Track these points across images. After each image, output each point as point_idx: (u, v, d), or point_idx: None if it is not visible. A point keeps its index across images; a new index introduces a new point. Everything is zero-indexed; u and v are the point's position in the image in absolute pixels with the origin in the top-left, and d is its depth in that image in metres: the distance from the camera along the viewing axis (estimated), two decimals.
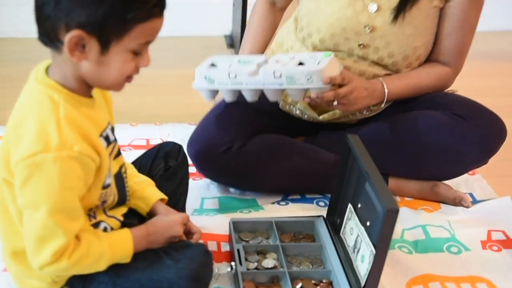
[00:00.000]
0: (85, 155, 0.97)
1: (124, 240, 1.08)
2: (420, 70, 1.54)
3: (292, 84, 1.39)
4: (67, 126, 0.96)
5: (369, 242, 1.15)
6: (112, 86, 1.01)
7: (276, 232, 1.34)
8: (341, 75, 1.40)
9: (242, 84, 1.42)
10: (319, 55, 1.41)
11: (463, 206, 1.56)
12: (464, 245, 1.42)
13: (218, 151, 1.48)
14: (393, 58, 1.49)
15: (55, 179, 0.94)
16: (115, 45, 0.95)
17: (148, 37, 0.97)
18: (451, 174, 1.58)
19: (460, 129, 1.47)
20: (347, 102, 1.41)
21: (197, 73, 1.46)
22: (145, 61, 1.00)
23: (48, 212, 0.96)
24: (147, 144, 1.81)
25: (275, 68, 1.39)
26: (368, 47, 1.48)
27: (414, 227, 1.47)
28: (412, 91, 1.54)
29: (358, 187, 1.25)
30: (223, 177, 1.55)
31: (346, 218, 1.29)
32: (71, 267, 1.01)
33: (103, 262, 1.05)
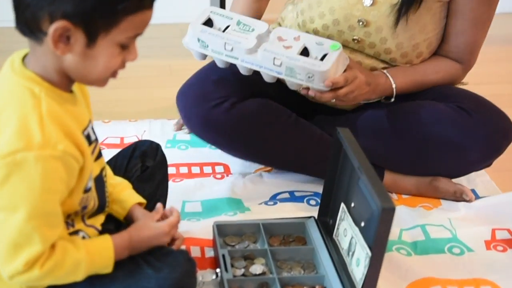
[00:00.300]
0: (69, 154, 0.97)
1: (104, 248, 1.07)
2: (427, 65, 1.55)
3: (291, 77, 1.40)
4: (50, 122, 0.96)
5: (364, 244, 1.16)
6: (96, 81, 1.01)
7: (264, 235, 1.34)
8: (345, 76, 1.40)
9: (238, 59, 1.42)
10: (326, 45, 1.41)
11: (464, 201, 1.57)
12: (467, 246, 1.43)
13: (209, 104, 1.48)
14: (391, 55, 1.50)
15: (37, 180, 0.94)
16: (103, 37, 0.96)
17: (137, 29, 0.98)
18: (451, 173, 1.59)
19: (464, 123, 1.48)
20: (346, 99, 1.43)
21: (190, 31, 1.45)
22: (132, 55, 1.01)
23: (27, 217, 0.95)
24: (121, 143, 1.80)
25: (276, 53, 1.39)
26: (362, 42, 1.49)
27: (412, 227, 1.48)
28: (416, 87, 1.55)
29: (351, 185, 1.26)
30: (211, 135, 1.54)
31: (339, 219, 1.29)
32: (44, 277, 1.01)
33: (80, 272, 1.04)
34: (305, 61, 1.39)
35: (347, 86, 1.40)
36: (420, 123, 1.50)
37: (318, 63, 1.38)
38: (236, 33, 1.43)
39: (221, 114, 1.48)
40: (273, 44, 1.42)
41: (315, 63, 1.38)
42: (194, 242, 1.37)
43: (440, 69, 1.55)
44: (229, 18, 1.47)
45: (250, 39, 1.42)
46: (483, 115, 1.49)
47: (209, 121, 1.50)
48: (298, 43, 1.42)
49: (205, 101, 1.49)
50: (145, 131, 1.88)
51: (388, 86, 1.51)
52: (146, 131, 1.88)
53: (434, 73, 1.55)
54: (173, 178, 1.63)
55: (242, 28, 1.44)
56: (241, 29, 1.44)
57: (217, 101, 1.49)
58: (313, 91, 1.40)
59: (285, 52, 1.40)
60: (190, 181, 1.62)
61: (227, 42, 1.41)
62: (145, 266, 1.09)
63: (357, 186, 1.21)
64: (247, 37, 1.42)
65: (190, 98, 1.51)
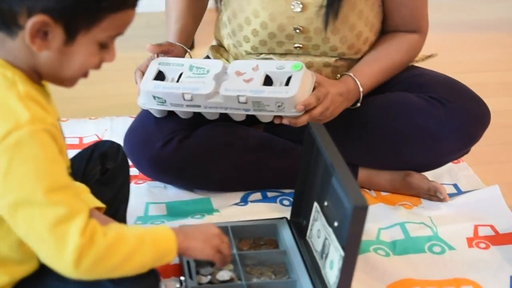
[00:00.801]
0: (57, 129, 0.98)
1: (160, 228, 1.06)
2: (386, 48, 1.56)
3: (260, 111, 1.40)
4: (31, 102, 0.96)
5: (337, 245, 1.16)
6: (67, 81, 1.02)
7: (233, 239, 1.34)
8: (315, 95, 1.40)
9: (200, 107, 1.43)
10: (287, 67, 1.41)
11: (439, 199, 1.59)
12: (448, 244, 1.44)
13: (156, 145, 1.50)
14: (337, 50, 1.52)
15: (40, 154, 0.94)
16: (83, 35, 0.96)
17: (118, 29, 0.99)
18: (428, 165, 1.61)
19: (437, 114, 1.50)
20: (323, 118, 1.43)
21: (143, 90, 1.45)
22: (110, 55, 1.02)
23: (48, 193, 0.94)
24: (81, 143, 1.80)
25: (239, 90, 1.39)
26: (306, 47, 1.51)
27: (391, 225, 1.49)
28: (387, 75, 1.56)
29: (324, 183, 1.26)
30: (164, 175, 1.57)
31: (312, 219, 1.30)
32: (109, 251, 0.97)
33: (147, 248, 1.01)
34: (270, 91, 1.39)
35: (320, 105, 1.41)
36: (391, 116, 1.52)
37: (284, 89, 1.38)
38: (192, 80, 1.43)
39: (170, 153, 1.50)
40: (233, 81, 1.42)
41: (281, 90, 1.38)
42: None
43: (400, 46, 1.57)
44: (179, 65, 1.47)
45: (208, 82, 1.42)
46: (457, 103, 1.51)
47: (159, 163, 1.51)
48: (258, 73, 1.42)
49: (150, 143, 1.50)
50: (107, 130, 1.87)
51: (357, 90, 1.52)
52: (107, 129, 1.88)
53: (396, 52, 1.56)
54: (135, 180, 1.63)
55: (196, 72, 1.44)
56: (196, 73, 1.44)
57: (163, 141, 1.50)
58: (286, 119, 1.41)
59: (247, 87, 1.40)
60: (154, 182, 1.62)
61: (185, 92, 1.41)
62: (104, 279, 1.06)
63: (330, 184, 1.21)
64: (204, 81, 1.42)
65: (135, 143, 1.52)
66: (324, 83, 1.45)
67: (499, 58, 2.59)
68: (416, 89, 1.55)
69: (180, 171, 1.54)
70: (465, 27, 2.84)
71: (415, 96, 1.53)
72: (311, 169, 1.33)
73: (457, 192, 1.66)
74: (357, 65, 1.54)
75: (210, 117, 1.48)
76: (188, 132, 1.53)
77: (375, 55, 1.55)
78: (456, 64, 2.17)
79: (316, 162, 1.31)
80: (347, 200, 1.11)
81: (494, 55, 2.61)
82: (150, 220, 1.48)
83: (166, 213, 1.53)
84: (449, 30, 2.77)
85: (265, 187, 1.61)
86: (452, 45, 2.65)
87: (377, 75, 1.54)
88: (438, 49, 1.71)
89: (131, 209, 1.37)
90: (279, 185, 1.61)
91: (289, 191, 1.59)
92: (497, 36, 2.79)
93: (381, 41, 1.58)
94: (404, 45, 1.57)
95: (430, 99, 1.52)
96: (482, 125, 1.54)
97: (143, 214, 1.52)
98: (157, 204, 1.56)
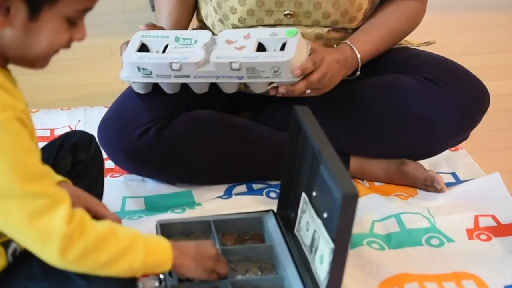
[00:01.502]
0: (27, 115, 0.97)
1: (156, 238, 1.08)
2: (385, 14, 1.56)
3: (255, 78, 1.40)
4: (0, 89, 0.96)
5: (327, 238, 1.15)
6: (37, 61, 1.01)
7: (216, 234, 1.34)
8: (312, 60, 1.40)
9: (190, 77, 1.42)
10: (281, 33, 1.42)
11: (436, 190, 1.58)
12: (447, 236, 1.44)
13: (132, 136, 1.48)
14: (330, 18, 1.51)
15: (14, 143, 0.94)
16: (47, 10, 0.96)
17: (87, 2, 0.98)
18: (424, 152, 1.61)
19: (432, 96, 1.50)
20: (321, 85, 1.43)
21: (127, 63, 1.44)
22: (80, 33, 1.01)
23: (24, 182, 0.94)
24: (52, 135, 1.79)
25: (231, 57, 1.39)
26: (297, 15, 1.50)
27: (386, 217, 1.49)
28: (386, 43, 1.57)
29: (312, 172, 1.25)
30: (140, 168, 1.56)
31: (300, 211, 1.29)
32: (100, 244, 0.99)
33: (138, 249, 1.02)
34: (265, 56, 1.39)
35: (317, 70, 1.41)
36: (383, 99, 1.52)
37: (280, 53, 1.39)
38: (179, 50, 1.42)
39: (147, 144, 1.49)
40: (224, 49, 1.42)
41: (276, 54, 1.39)
42: None
43: (400, 13, 1.57)
44: (164, 37, 1.46)
45: (197, 51, 1.41)
46: (454, 84, 1.51)
47: (135, 154, 1.50)
48: (251, 41, 1.42)
49: (126, 133, 1.50)
50: (80, 121, 1.87)
51: (355, 57, 1.52)
52: (81, 120, 1.88)
53: (396, 20, 1.56)
54: (111, 173, 1.62)
55: (183, 43, 1.44)
56: (183, 44, 1.43)
57: (139, 131, 1.49)
58: (283, 87, 1.40)
59: (240, 53, 1.40)
60: (131, 175, 1.61)
61: (173, 62, 1.40)
62: (76, 276, 1.06)
63: (318, 173, 1.21)
64: (193, 50, 1.42)
65: (109, 133, 1.51)
66: (320, 49, 1.45)
67: (497, 39, 2.59)
68: (410, 71, 1.55)
69: (159, 163, 1.53)
70: (461, 8, 2.85)
71: (409, 78, 1.53)
72: (298, 157, 1.32)
73: (455, 181, 1.66)
74: (354, 34, 1.55)
75: (198, 90, 1.47)
76: (167, 121, 1.52)
77: (372, 23, 1.56)
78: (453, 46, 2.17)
79: (303, 149, 1.30)
80: (336, 189, 1.11)
81: (492, 36, 2.62)
82: (127, 215, 1.47)
83: (145, 208, 1.52)
84: (445, 11, 2.77)
85: (251, 178, 1.61)
86: (448, 27, 2.66)
87: (376, 42, 1.54)
88: (434, 30, 1.71)
89: (106, 204, 1.33)
90: (266, 176, 1.61)
91: (276, 182, 1.59)
92: (494, 16, 2.79)
93: (380, 8, 1.58)
94: (404, 12, 1.57)
95: (425, 80, 1.52)
96: (480, 107, 1.54)
97: (119, 209, 1.51)
98: (134, 198, 1.55)
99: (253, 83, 1.43)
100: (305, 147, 1.29)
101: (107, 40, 2.45)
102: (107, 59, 2.34)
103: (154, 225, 1.35)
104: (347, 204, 1.06)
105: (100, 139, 1.50)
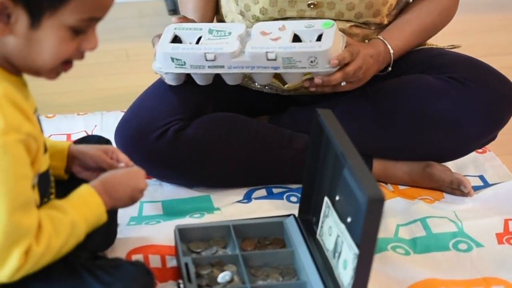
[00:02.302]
0: (31, 136, 0.99)
1: (87, 195, 1.10)
2: (417, 10, 1.57)
3: (291, 68, 1.42)
4: (8, 104, 0.96)
5: (351, 243, 1.15)
6: (44, 71, 1.01)
7: (235, 239, 1.33)
8: (349, 51, 1.42)
9: (224, 67, 1.43)
10: (317, 25, 1.44)
11: (463, 194, 1.56)
12: (475, 240, 1.43)
13: (149, 138, 1.48)
14: (355, 9, 1.51)
15: (10, 169, 0.96)
16: (49, 18, 0.95)
17: (92, 12, 0.97)
18: (450, 153, 1.59)
19: (457, 96, 1.49)
20: (355, 78, 1.44)
21: (160, 53, 1.45)
22: (90, 43, 1.00)
23: (9, 212, 0.97)
24: (68, 140, 1.77)
25: (267, 47, 1.40)
26: (321, 5, 1.50)
27: (411, 221, 1.48)
28: (419, 39, 1.58)
29: (335, 175, 1.24)
30: (159, 172, 1.56)
31: (322, 216, 1.28)
32: (45, 253, 1.02)
33: (79, 231, 1.06)
34: (302, 46, 1.41)
35: (354, 62, 1.42)
36: (408, 100, 1.51)
37: (317, 44, 1.41)
38: (213, 41, 1.44)
39: (165, 146, 1.49)
40: (259, 40, 1.44)
41: (313, 45, 1.41)
42: (154, 250, 1.35)
43: (433, 8, 1.58)
44: (197, 29, 1.48)
45: (231, 42, 1.43)
46: (480, 83, 1.50)
47: (153, 157, 1.50)
48: (286, 32, 1.44)
49: (143, 135, 1.50)
50: (96, 126, 1.87)
51: (388, 52, 1.53)
52: (97, 125, 1.87)
53: (428, 15, 1.57)
54: None
55: (217, 35, 1.46)
56: (216, 36, 1.45)
57: (157, 133, 1.49)
58: (319, 77, 1.41)
59: (276, 44, 1.42)
60: (148, 179, 1.55)
61: (207, 52, 1.42)
62: (91, 280, 1.07)
63: (342, 176, 1.20)
64: (227, 41, 1.44)
65: (127, 136, 1.52)
66: (354, 43, 1.46)
67: None
68: (434, 70, 1.54)
69: (177, 166, 1.52)
70: (487, 7, 2.84)
71: (433, 77, 1.52)
72: (320, 160, 1.32)
73: (483, 184, 1.64)
74: (386, 29, 1.56)
75: (231, 81, 1.48)
76: (185, 123, 1.51)
77: (405, 18, 1.57)
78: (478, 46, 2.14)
79: (325, 152, 1.30)
80: (361, 193, 1.10)
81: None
82: (144, 221, 1.47)
83: (162, 213, 1.52)
84: (471, 11, 2.75)
85: (271, 182, 1.60)
86: (474, 27, 2.64)
87: (408, 37, 1.55)
88: (460, 31, 1.70)
89: (124, 209, 1.34)
90: (286, 180, 1.60)
91: (297, 186, 1.57)
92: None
93: (412, 3, 1.60)
94: (437, 7, 1.58)
95: (450, 80, 1.51)
96: (508, 106, 1.52)
97: (137, 214, 1.50)
98: (152, 203, 1.54)
99: (288, 74, 1.45)
100: (327, 150, 1.29)
101: (124, 45, 2.46)
102: (124, 64, 2.35)
103: (173, 230, 1.34)
104: (372, 208, 1.06)
105: (117, 142, 1.51)
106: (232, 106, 1.58)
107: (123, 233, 1.39)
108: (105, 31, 2.62)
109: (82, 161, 1.23)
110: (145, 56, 1.69)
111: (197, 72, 1.46)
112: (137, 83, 1.67)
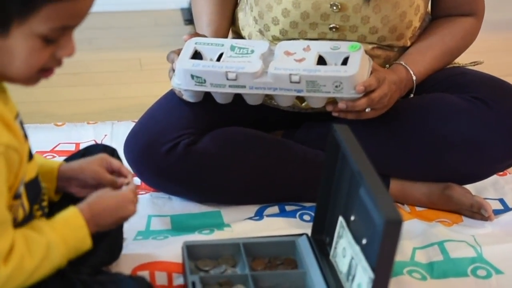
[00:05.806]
0: (11, 148, 0.97)
1: (70, 217, 1.07)
2: (440, 33, 1.56)
3: (315, 91, 1.40)
4: None
5: (366, 266, 1.13)
6: (19, 79, 0.99)
7: (245, 258, 1.31)
8: (375, 77, 1.41)
9: (246, 87, 1.42)
10: (343, 47, 1.43)
11: (483, 217, 1.54)
12: (495, 267, 1.40)
13: (159, 152, 1.47)
14: (378, 33, 1.50)
15: None
16: (17, 27, 0.94)
17: (65, 20, 0.96)
18: (471, 175, 1.57)
19: (481, 117, 1.48)
20: (380, 105, 1.43)
21: (180, 69, 1.44)
22: (66, 50, 0.98)
23: None
24: (77, 149, 1.76)
25: (291, 69, 1.39)
26: (343, 29, 1.49)
27: (428, 245, 1.45)
28: (441, 63, 1.57)
29: (350, 194, 1.23)
30: (168, 187, 1.55)
31: (336, 236, 1.26)
32: (13, 275, 0.99)
33: (56, 254, 1.03)
34: (327, 70, 1.40)
35: (379, 88, 1.42)
36: (427, 119, 1.50)
37: (342, 68, 1.40)
38: (235, 59, 1.43)
39: (175, 160, 1.48)
40: (283, 60, 1.42)
41: (339, 69, 1.40)
42: (161, 267, 1.34)
43: (455, 31, 1.57)
44: (219, 45, 1.47)
45: (254, 61, 1.42)
46: (505, 104, 1.49)
47: (162, 171, 1.50)
48: (311, 53, 1.43)
49: (153, 148, 1.49)
50: (106, 136, 1.87)
51: (410, 79, 1.52)
52: (107, 135, 1.87)
53: (451, 38, 1.57)
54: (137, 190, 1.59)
55: (239, 52, 1.44)
56: (238, 53, 1.44)
57: (167, 146, 1.48)
58: (343, 102, 1.40)
59: (300, 66, 1.40)
60: (157, 193, 1.60)
61: (229, 71, 1.40)
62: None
63: (357, 196, 1.19)
64: (250, 60, 1.42)
65: (136, 148, 1.51)
66: (380, 68, 1.46)
67: None
68: (457, 90, 1.53)
69: (187, 180, 1.52)
70: (507, 26, 2.85)
71: (456, 97, 1.51)
72: (335, 178, 1.31)
73: (503, 208, 1.62)
74: (408, 53, 1.55)
75: (252, 101, 1.46)
76: (196, 137, 1.51)
77: (427, 42, 1.56)
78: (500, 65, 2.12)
79: (341, 170, 1.28)
80: (378, 214, 1.09)
81: None
82: (152, 235, 1.46)
83: (171, 228, 1.50)
84: (492, 30, 2.74)
85: (283, 199, 1.58)
86: (496, 46, 2.65)
87: (431, 62, 1.54)
88: (481, 50, 1.69)
89: (131, 222, 1.32)
90: (299, 198, 1.58)
91: (310, 204, 1.56)
92: None
93: (433, 26, 1.59)
94: (459, 30, 1.57)
95: (473, 100, 1.50)
96: None
97: (144, 228, 1.49)
98: (160, 217, 1.53)
99: (311, 98, 1.43)
100: (343, 168, 1.27)
101: (137, 54, 2.47)
102: (137, 73, 2.36)
103: (180, 246, 1.33)
104: (390, 231, 1.05)
105: (126, 154, 1.50)
106: (246, 120, 1.57)
107: (129, 248, 1.37)
108: (119, 39, 2.64)
109: (81, 181, 1.20)
110: (159, 65, 1.68)
111: (217, 91, 1.44)
112: (150, 93, 1.67)
